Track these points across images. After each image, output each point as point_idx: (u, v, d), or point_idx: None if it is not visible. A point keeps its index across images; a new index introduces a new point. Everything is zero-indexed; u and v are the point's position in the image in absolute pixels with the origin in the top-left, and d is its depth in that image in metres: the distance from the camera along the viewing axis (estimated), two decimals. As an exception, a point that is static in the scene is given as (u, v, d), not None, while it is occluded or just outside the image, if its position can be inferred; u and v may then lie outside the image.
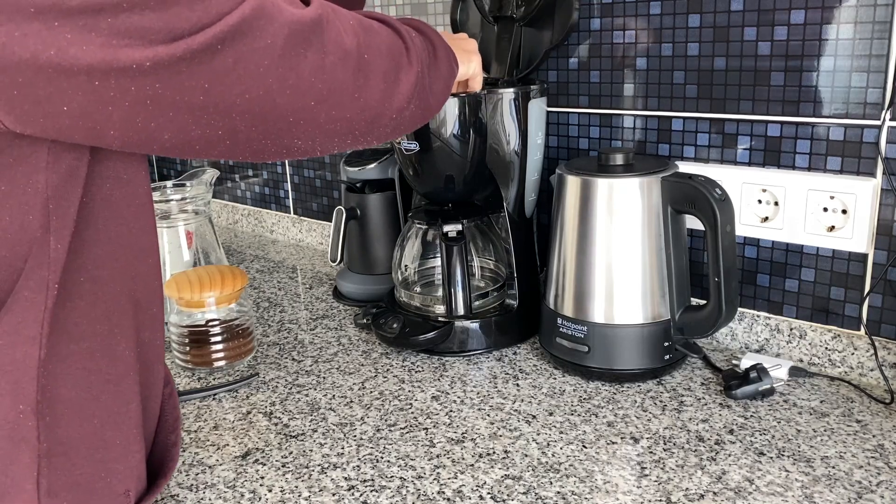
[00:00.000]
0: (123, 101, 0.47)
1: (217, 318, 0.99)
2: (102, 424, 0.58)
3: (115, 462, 0.60)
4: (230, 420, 0.87)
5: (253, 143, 0.55)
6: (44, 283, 0.53)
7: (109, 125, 0.48)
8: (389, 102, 0.62)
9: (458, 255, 0.97)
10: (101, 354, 0.57)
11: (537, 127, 0.99)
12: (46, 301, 0.53)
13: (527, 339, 1.03)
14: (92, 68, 0.45)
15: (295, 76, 0.53)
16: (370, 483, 0.73)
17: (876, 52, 0.82)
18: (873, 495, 0.68)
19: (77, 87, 0.46)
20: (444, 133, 0.94)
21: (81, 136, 0.49)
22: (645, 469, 0.74)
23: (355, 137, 0.62)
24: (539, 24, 1.05)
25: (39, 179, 0.51)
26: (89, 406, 0.57)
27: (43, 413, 0.54)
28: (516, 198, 1.00)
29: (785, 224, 0.91)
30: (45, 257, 0.52)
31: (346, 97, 0.58)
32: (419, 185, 1.05)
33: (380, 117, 0.62)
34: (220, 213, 1.78)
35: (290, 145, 0.58)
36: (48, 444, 0.54)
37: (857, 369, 0.89)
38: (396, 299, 1.07)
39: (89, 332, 0.56)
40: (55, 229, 0.52)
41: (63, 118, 0.47)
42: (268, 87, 0.52)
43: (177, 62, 0.47)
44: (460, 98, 0.92)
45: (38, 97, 0.45)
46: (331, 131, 0.59)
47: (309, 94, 0.55)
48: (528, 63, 1.07)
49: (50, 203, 0.52)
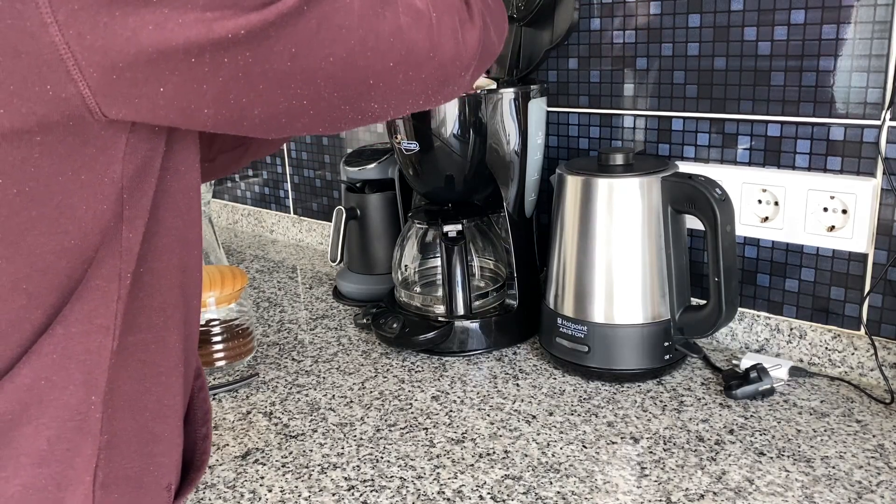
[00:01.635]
0: (217, 77, 0.47)
1: (217, 318, 0.99)
2: (153, 417, 0.59)
3: (161, 455, 0.60)
4: (230, 420, 0.87)
5: (334, 111, 0.55)
6: (116, 272, 0.53)
7: (203, 103, 0.48)
8: (460, 61, 0.62)
9: (458, 255, 0.97)
10: (155, 346, 0.58)
11: (537, 127, 0.99)
12: (119, 291, 0.53)
13: (527, 339, 1.03)
14: (189, 44, 0.45)
15: (374, 37, 0.53)
16: (370, 483, 0.73)
17: (876, 52, 0.82)
18: (873, 495, 0.68)
19: (174, 66, 0.45)
20: (444, 133, 0.94)
21: (175, 116, 0.49)
22: (645, 469, 0.74)
23: (427, 98, 0.62)
24: (539, 24, 1.05)
25: (116, 170, 0.50)
26: (142, 398, 0.58)
27: (108, 404, 0.54)
28: (516, 198, 1.00)
29: (785, 224, 0.91)
30: (117, 247, 0.53)
31: (422, 57, 0.58)
32: (419, 185, 1.05)
33: (451, 77, 0.62)
34: (220, 213, 1.78)
35: (367, 109, 0.58)
36: (108, 435, 0.55)
37: (857, 369, 0.89)
38: (396, 299, 1.07)
39: (146, 323, 0.57)
40: (128, 219, 0.53)
41: (158, 99, 0.47)
42: (350, 49, 0.52)
43: (268, 28, 0.47)
44: (460, 98, 0.92)
45: (137, 79, 0.45)
46: (406, 92, 0.59)
47: (388, 55, 0.55)
48: (529, 63, 1.07)
49: (124, 193, 0.52)
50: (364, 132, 1.40)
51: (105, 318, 0.53)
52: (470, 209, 1.04)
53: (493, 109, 0.94)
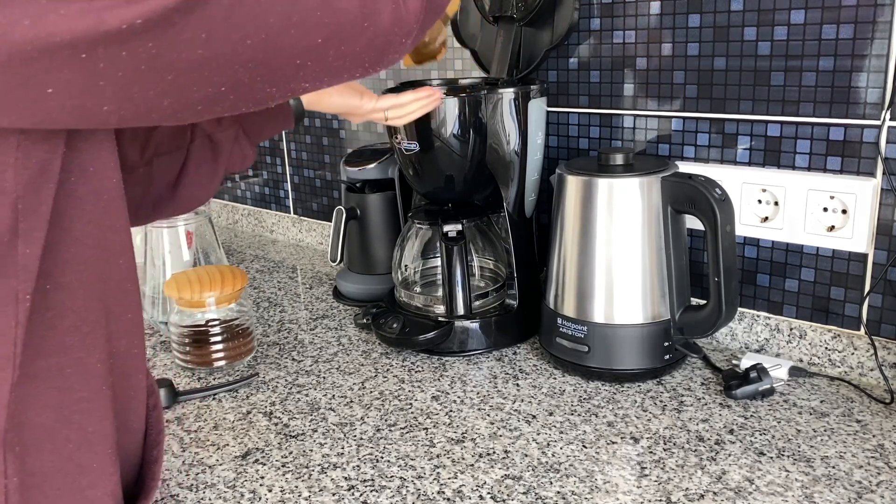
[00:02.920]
0: (116, 72, 0.41)
1: (217, 318, 0.99)
2: (77, 448, 0.53)
3: (92, 488, 0.55)
4: (230, 420, 0.87)
5: (257, 93, 0.49)
6: (13, 294, 0.47)
7: (103, 101, 0.42)
8: (399, 27, 0.55)
9: (458, 255, 0.97)
10: (71, 370, 0.52)
11: (537, 127, 0.99)
12: (18, 315, 0.47)
13: (527, 339, 1.03)
14: (76, 39, 0.39)
15: (298, 13, 0.47)
16: (370, 483, 0.73)
17: (876, 52, 0.82)
18: (873, 495, 0.68)
19: (61, 64, 0.39)
20: (444, 133, 0.94)
21: (71, 118, 0.43)
22: (645, 469, 0.74)
23: (365, 69, 0.55)
24: (539, 24, 1.05)
25: (7, 178, 0.45)
26: (62, 429, 0.52)
27: (11, 444, 0.48)
28: (516, 198, 1.00)
29: (785, 224, 0.91)
30: (12, 266, 0.47)
31: (355, 29, 0.51)
32: (419, 185, 1.05)
33: (391, 43, 0.55)
34: (220, 213, 1.78)
35: (297, 89, 0.52)
36: (19, 477, 0.49)
37: (857, 369, 0.89)
38: (397, 299, 1.07)
39: (58, 346, 0.51)
40: (24, 231, 0.46)
41: (48, 101, 0.41)
42: (270, 29, 0.46)
43: (171, 14, 0.41)
44: (460, 98, 0.92)
45: (15, 83, 0.40)
46: (340, 68, 0.53)
47: (315, 32, 0.48)
48: (528, 63, 1.07)
49: (19, 203, 0.46)
50: (364, 132, 1.40)
51: (2, 349, 0.47)
52: (470, 209, 1.04)
53: (493, 109, 0.94)
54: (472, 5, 1.10)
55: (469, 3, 1.12)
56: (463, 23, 1.15)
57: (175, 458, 0.80)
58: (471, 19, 1.14)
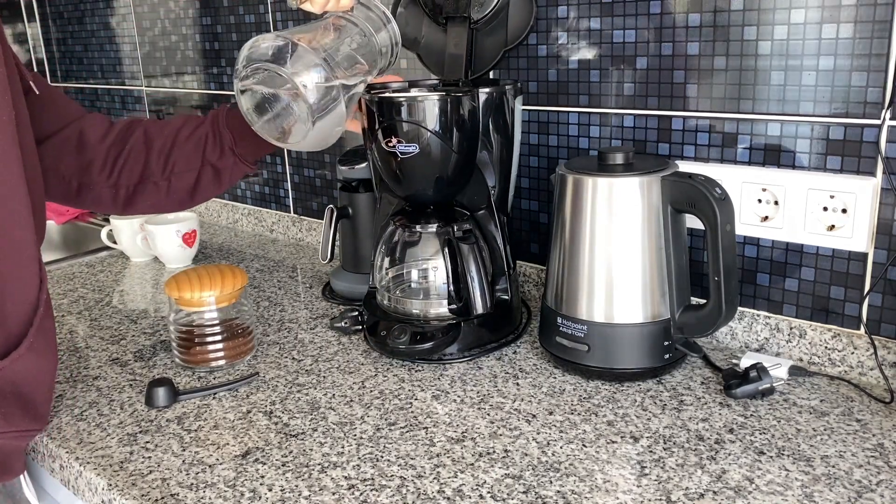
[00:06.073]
0: None
1: (217, 317, 0.99)
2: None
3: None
4: (230, 419, 0.87)
5: None
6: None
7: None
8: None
9: (471, 253, 0.97)
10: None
11: (520, 125, 1.01)
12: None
13: (521, 334, 1.03)
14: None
15: None
16: (370, 482, 0.74)
17: (876, 51, 0.82)
18: (873, 494, 0.69)
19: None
20: (443, 133, 0.94)
21: None
22: (645, 468, 0.74)
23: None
24: (493, 25, 1.05)
25: None
26: None
27: None
28: (502, 195, 1.01)
29: (785, 223, 0.91)
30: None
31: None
32: (401, 189, 1.02)
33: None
34: (220, 213, 1.78)
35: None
36: None
37: (857, 368, 0.89)
38: (379, 303, 1.06)
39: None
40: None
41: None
42: None
43: None
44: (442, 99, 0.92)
45: None
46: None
47: None
48: (485, 63, 1.06)
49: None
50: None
51: None
52: (450, 211, 1.03)
53: (470, 110, 0.93)
54: (408, 10, 1.09)
55: (406, 7, 1.11)
56: (406, 23, 1.13)
57: (175, 457, 0.80)
58: (409, 24, 1.12)
